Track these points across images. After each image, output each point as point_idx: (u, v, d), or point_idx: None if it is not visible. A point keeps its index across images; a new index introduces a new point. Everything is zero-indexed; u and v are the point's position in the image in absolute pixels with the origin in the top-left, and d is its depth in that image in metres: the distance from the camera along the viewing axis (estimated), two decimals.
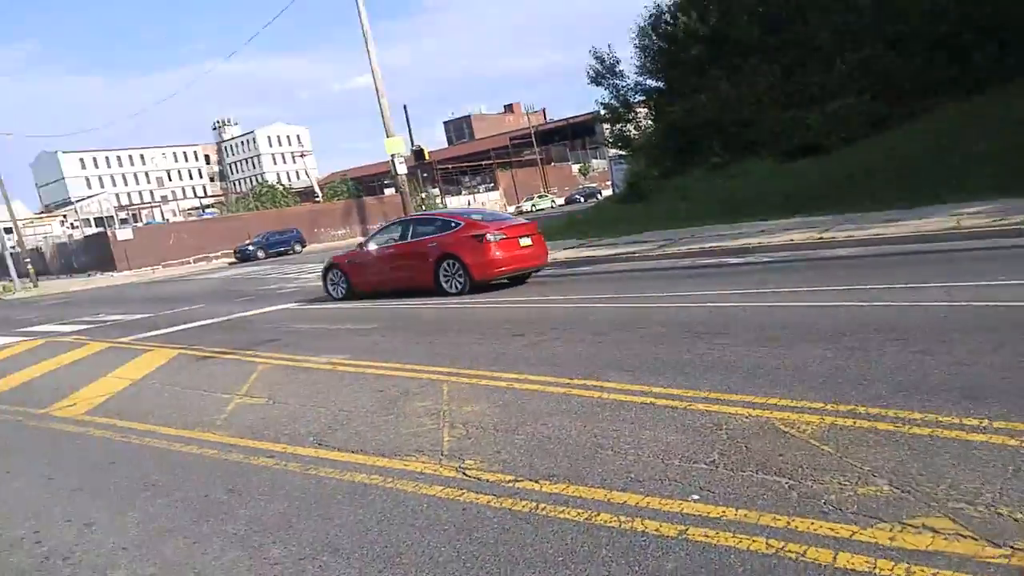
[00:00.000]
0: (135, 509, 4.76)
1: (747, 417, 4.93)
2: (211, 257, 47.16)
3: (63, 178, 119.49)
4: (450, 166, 73.67)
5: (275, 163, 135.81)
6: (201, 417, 6.81)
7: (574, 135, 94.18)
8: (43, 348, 13.42)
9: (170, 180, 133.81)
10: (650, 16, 31.43)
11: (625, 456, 4.53)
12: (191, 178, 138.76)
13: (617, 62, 33.81)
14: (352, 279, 15.08)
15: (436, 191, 67.28)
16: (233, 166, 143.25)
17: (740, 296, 9.83)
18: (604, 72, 33.68)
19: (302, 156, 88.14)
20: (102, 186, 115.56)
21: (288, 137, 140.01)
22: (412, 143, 30.13)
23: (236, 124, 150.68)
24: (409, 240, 14.35)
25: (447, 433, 5.38)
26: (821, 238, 13.91)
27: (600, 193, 61.93)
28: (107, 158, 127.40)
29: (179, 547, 4.10)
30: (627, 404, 5.51)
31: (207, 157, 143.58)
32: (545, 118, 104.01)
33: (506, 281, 14.26)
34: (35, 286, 38.92)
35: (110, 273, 41.49)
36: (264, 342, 10.77)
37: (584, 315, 9.97)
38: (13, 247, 41.25)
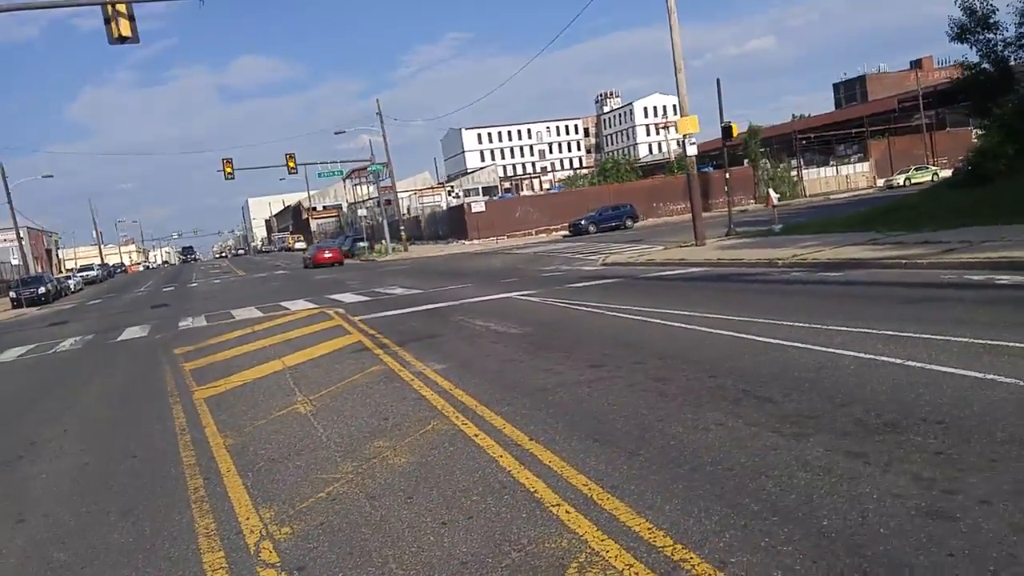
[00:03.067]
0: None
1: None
2: (551, 229, 50.29)
3: (463, 151, 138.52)
4: (811, 135, 66.56)
5: (648, 134, 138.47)
6: (244, 421, 7.46)
7: (983, 95, 76.90)
8: (307, 319, 15.97)
9: (551, 152, 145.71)
10: None
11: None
12: (569, 150, 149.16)
13: (993, 11, 27.19)
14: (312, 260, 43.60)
15: (794, 163, 61.88)
16: (609, 138, 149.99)
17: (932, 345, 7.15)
18: (972, 26, 27.42)
19: (666, 128, 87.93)
20: (493, 158, 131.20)
21: (664, 108, 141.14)
22: (721, 118, 28.00)
23: (617, 97, 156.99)
24: (309, 250, 47.44)
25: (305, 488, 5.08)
26: None
27: None
28: (499, 132, 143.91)
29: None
30: (511, 487, 4.55)
31: (586, 130, 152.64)
32: (963, 74, 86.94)
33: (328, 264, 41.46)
34: (405, 250, 46.07)
35: (463, 241, 47.14)
36: (423, 338, 11.30)
37: (664, 337, 8.32)
38: (392, 216, 49.31)
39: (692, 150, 22.91)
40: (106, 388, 10.88)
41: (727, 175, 27.88)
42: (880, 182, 57.60)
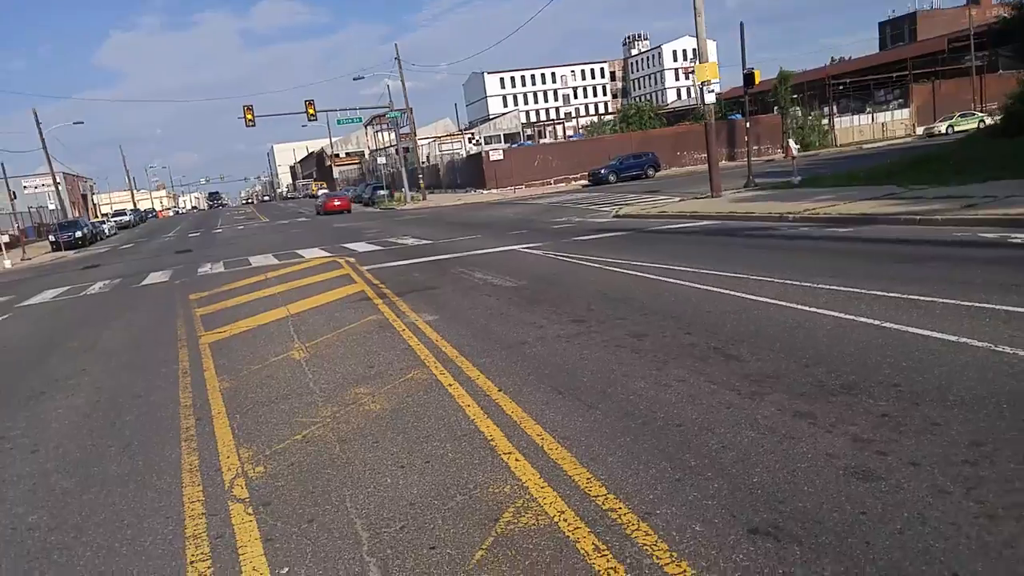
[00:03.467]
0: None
1: None
2: (572, 178, 49.93)
3: (485, 97, 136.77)
4: (847, 80, 64.30)
5: (677, 79, 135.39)
6: (241, 365, 7.80)
7: None
8: (318, 267, 16.31)
9: (575, 97, 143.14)
10: None
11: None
12: (595, 95, 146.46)
13: None
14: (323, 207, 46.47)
15: (825, 110, 60.36)
16: (637, 82, 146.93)
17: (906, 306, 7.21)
18: None
19: (693, 72, 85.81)
20: (516, 104, 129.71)
21: (695, 51, 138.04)
22: (744, 64, 27.55)
23: (646, 39, 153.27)
24: (320, 198, 50.95)
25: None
26: None
27: None
28: (523, 77, 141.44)
29: None
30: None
31: (612, 74, 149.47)
32: (1011, 13, 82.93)
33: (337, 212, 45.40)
34: (424, 198, 46.16)
35: (481, 191, 47.05)
36: (422, 289, 11.55)
37: (648, 289, 8.44)
38: (411, 164, 49.30)
39: (711, 98, 22.56)
40: (124, 331, 11.33)
41: (747, 124, 27.37)
42: (920, 130, 55.86)
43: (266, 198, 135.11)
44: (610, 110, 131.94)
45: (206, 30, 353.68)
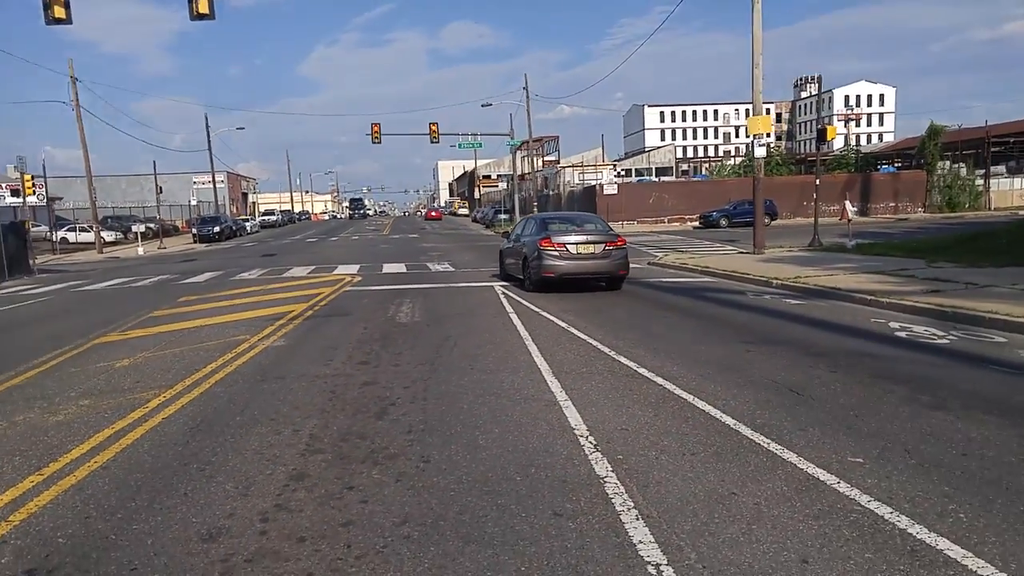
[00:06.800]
0: None
1: None
2: (686, 218, 48.51)
3: (643, 129, 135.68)
4: (1011, 139, 57.63)
5: (845, 125, 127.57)
6: (75, 368, 8.62)
7: None
8: (318, 283, 17.39)
9: (736, 136, 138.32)
10: None
11: None
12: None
13: None
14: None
15: (979, 171, 54.58)
16: (802, 126, 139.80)
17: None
18: None
19: (852, 120, 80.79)
20: (673, 138, 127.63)
21: (869, 97, 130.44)
22: (819, 120, 26.02)
23: (815, 82, 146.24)
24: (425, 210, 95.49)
25: None
26: None
27: None
28: (683, 112, 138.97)
29: None
30: None
31: (779, 115, 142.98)
32: None
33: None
34: None
35: None
36: (340, 315, 12.10)
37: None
38: (525, 191, 50.19)
39: (760, 151, 21.44)
40: (73, 323, 12.55)
41: (817, 181, 25.58)
42: None
43: (416, 212, 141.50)
44: (770, 151, 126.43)
45: (398, 48, 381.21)
